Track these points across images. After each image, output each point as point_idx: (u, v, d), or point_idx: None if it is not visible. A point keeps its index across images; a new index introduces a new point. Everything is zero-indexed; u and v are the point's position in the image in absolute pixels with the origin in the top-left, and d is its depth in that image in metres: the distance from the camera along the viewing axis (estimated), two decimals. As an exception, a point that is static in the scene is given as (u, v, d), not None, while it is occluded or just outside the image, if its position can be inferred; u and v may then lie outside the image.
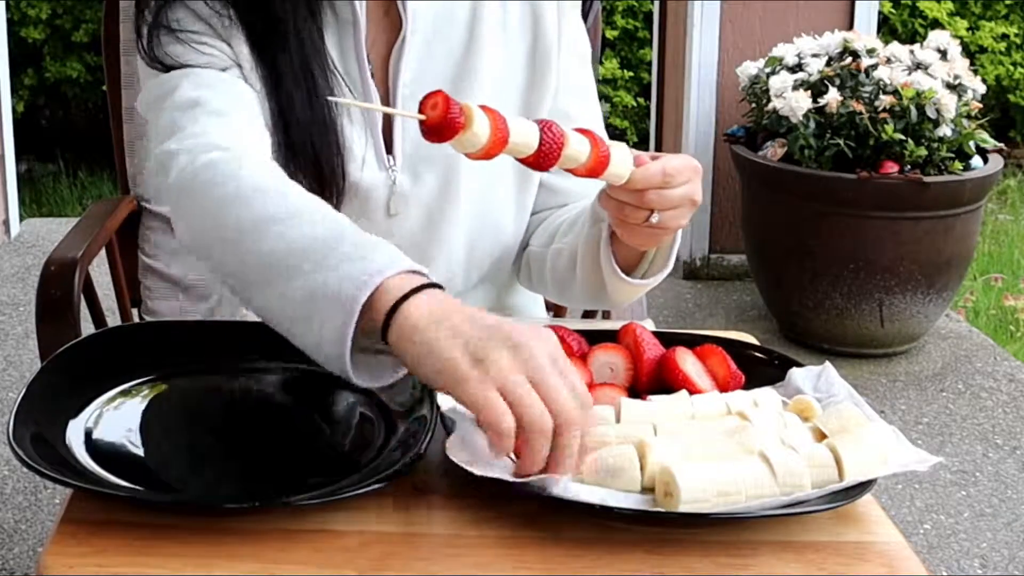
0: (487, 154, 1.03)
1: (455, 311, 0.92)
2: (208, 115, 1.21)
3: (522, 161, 1.07)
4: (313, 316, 0.97)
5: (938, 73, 3.27)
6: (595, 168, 1.10)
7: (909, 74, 3.25)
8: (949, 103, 3.18)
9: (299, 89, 1.30)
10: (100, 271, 1.73)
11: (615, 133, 5.98)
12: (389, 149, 1.37)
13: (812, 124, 3.25)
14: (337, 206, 1.32)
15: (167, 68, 1.27)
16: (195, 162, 1.14)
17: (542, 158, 1.06)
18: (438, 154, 1.35)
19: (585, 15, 1.65)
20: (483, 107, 1.03)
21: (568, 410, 0.88)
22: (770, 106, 3.34)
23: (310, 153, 1.30)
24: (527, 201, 1.46)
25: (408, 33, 1.37)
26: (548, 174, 1.45)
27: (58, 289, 1.55)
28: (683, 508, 0.88)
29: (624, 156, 1.12)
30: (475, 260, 1.44)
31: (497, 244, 1.45)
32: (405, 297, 0.93)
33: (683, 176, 1.15)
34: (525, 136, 1.05)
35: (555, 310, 1.69)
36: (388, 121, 1.37)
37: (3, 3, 4.20)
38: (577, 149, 1.08)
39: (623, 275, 1.28)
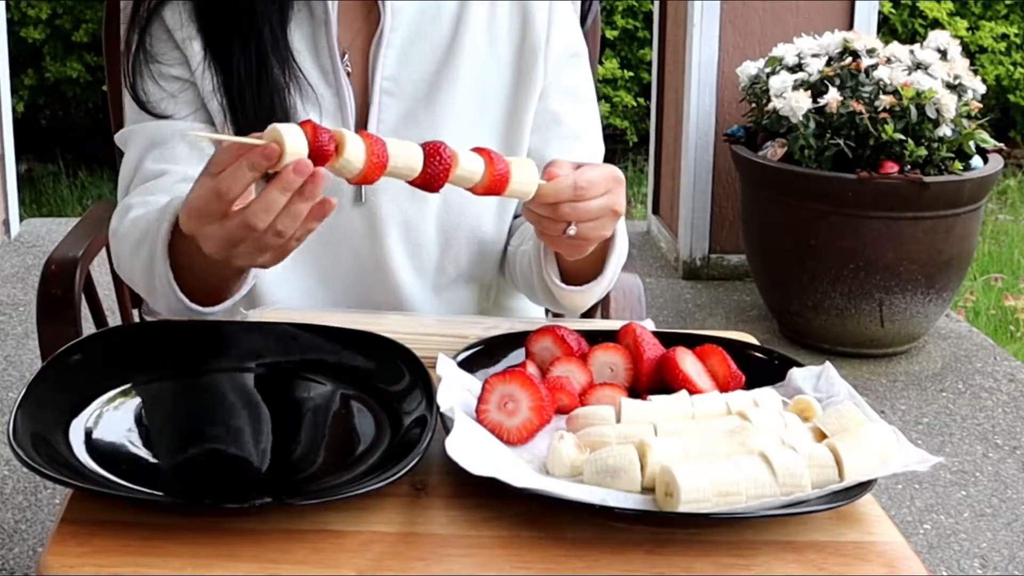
0: (365, 179, 1.05)
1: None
2: (142, 180, 1.37)
3: (411, 183, 1.08)
4: (155, 280, 1.22)
5: (938, 73, 3.27)
6: (491, 186, 1.11)
7: (909, 74, 3.26)
8: (949, 103, 3.18)
9: (252, 86, 1.34)
10: (100, 271, 1.73)
11: (615, 133, 5.99)
12: None
13: (812, 124, 3.25)
14: None
15: (141, 105, 1.40)
16: (117, 233, 1.35)
17: (428, 180, 1.08)
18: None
19: (584, 16, 1.64)
20: (362, 132, 1.05)
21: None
22: (770, 106, 3.34)
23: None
24: (508, 202, 1.46)
25: (387, 29, 1.38)
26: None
27: (59, 288, 1.55)
28: (683, 508, 0.88)
29: (528, 172, 1.12)
30: (450, 254, 1.44)
31: (474, 240, 1.45)
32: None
33: (598, 188, 1.14)
34: (408, 160, 1.06)
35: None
36: (363, 112, 1.39)
37: (3, 3, 4.20)
38: (469, 169, 1.09)
39: (560, 284, 1.30)
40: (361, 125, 1.38)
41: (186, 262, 1.20)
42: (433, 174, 1.07)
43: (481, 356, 1.14)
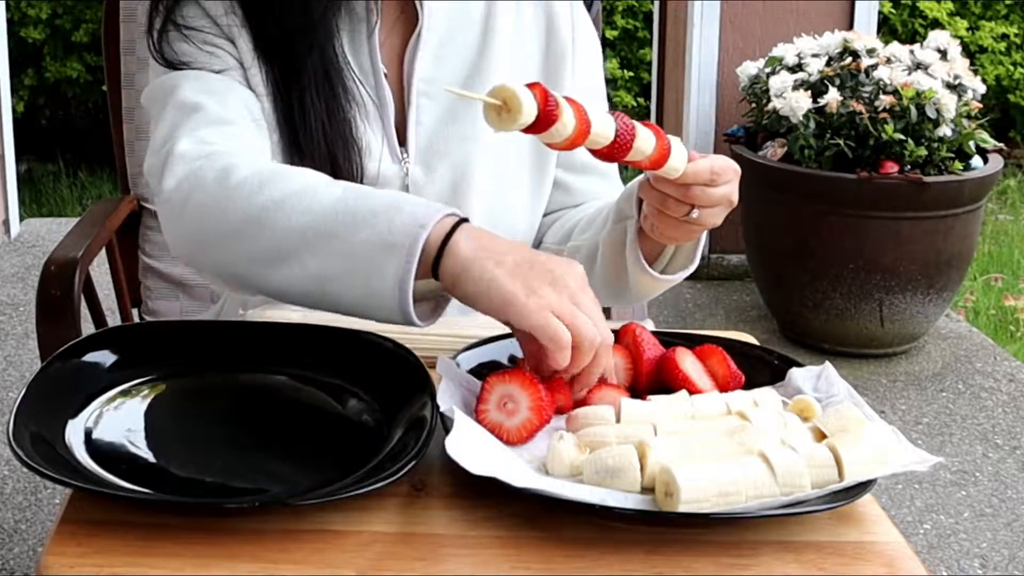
0: (572, 144, 1.04)
1: (493, 242, 1.05)
2: (209, 123, 1.23)
3: (595, 152, 1.08)
4: (359, 270, 1.05)
5: (938, 73, 3.27)
6: (658, 161, 1.12)
7: (909, 74, 3.25)
8: (949, 103, 3.18)
9: (313, 88, 1.31)
10: (100, 271, 1.73)
11: (615, 133, 5.98)
12: (402, 142, 1.38)
13: (812, 124, 3.25)
14: None
15: (173, 66, 1.29)
16: (193, 166, 1.18)
17: (616, 149, 1.08)
18: (451, 147, 1.38)
19: (586, 15, 1.65)
20: (567, 98, 1.04)
21: (605, 326, 1.02)
22: (770, 106, 3.34)
23: (324, 149, 1.32)
24: (541, 198, 1.47)
25: (424, 30, 1.38)
26: (566, 174, 1.47)
27: (58, 288, 1.55)
28: (683, 508, 0.88)
29: (681, 151, 1.14)
30: None
31: (509, 236, 1.44)
32: (449, 235, 1.05)
33: (726, 176, 1.18)
34: (603, 127, 1.06)
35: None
36: (401, 114, 1.38)
37: (3, 3, 4.20)
38: (645, 141, 1.09)
39: (651, 270, 1.29)
40: (399, 123, 1.38)
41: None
42: (622, 143, 1.07)
43: (481, 356, 1.14)
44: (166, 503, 0.91)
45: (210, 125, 1.23)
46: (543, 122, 1.00)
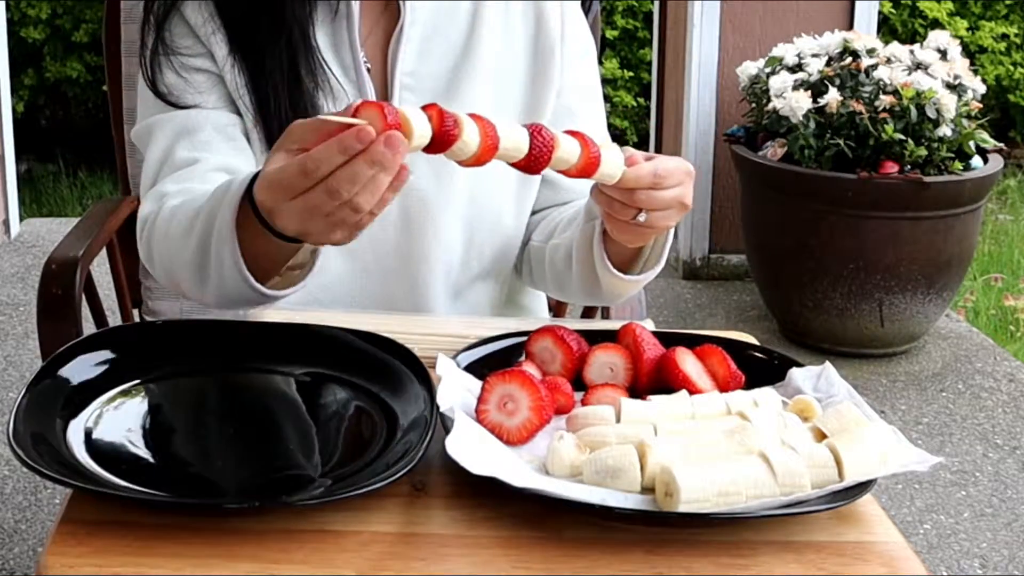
0: (478, 161, 1.04)
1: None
2: (172, 169, 1.34)
3: (513, 165, 1.08)
4: (211, 257, 1.16)
5: (938, 73, 3.27)
6: (585, 169, 1.11)
7: (909, 74, 3.25)
8: (949, 103, 3.18)
9: (282, 84, 1.34)
10: (101, 271, 1.73)
11: (615, 133, 5.98)
12: None
13: (812, 124, 3.25)
14: None
15: (159, 93, 1.37)
16: (145, 230, 1.32)
17: (532, 162, 1.07)
18: None
19: (585, 15, 1.65)
20: (472, 115, 1.04)
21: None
22: (770, 106, 3.34)
23: None
24: (528, 195, 1.47)
25: (406, 25, 1.39)
26: (554, 171, 1.46)
27: (59, 287, 1.55)
28: (683, 508, 0.88)
29: (615, 157, 1.13)
30: (474, 250, 1.44)
31: (496, 235, 1.45)
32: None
33: (674, 179, 1.16)
34: (515, 141, 1.06)
35: (555, 309, 1.70)
36: None
37: (3, 3, 4.20)
38: (567, 150, 1.09)
39: (615, 271, 1.29)
40: None
41: (248, 247, 1.15)
42: (538, 156, 1.07)
43: (481, 356, 1.14)
44: (166, 503, 0.91)
45: (173, 171, 1.34)
46: (440, 143, 1.01)
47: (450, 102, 1.38)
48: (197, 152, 1.34)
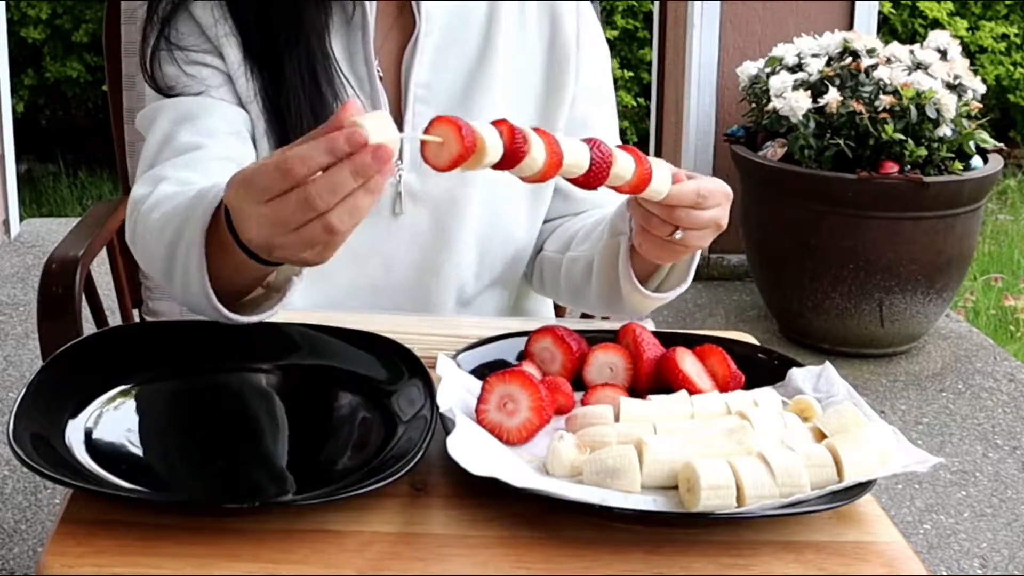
0: (543, 177, 1.03)
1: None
2: (174, 154, 1.28)
3: (572, 180, 1.07)
4: (176, 265, 1.10)
5: (938, 73, 3.27)
6: (638, 185, 1.11)
7: (909, 74, 3.26)
8: (949, 103, 3.18)
9: (302, 93, 1.30)
10: (101, 271, 1.73)
11: (615, 133, 5.98)
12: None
13: (812, 124, 3.25)
14: None
15: (158, 87, 1.33)
16: (133, 215, 1.25)
17: (592, 177, 1.06)
18: None
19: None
20: (537, 130, 1.02)
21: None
22: (770, 106, 3.34)
23: None
24: (540, 205, 1.45)
25: (421, 34, 1.36)
26: (567, 181, 1.46)
27: (60, 287, 1.55)
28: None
29: (664, 173, 1.13)
30: (486, 262, 1.43)
31: (509, 246, 1.44)
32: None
33: (714, 199, 1.16)
34: (577, 157, 1.05)
35: (556, 310, 1.69)
36: (398, 120, 1.36)
37: (3, 3, 4.20)
38: (623, 167, 1.08)
39: (641, 288, 1.28)
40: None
41: (216, 255, 1.07)
42: (598, 171, 1.06)
43: (481, 356, 1.14)
44: (166, 503, 0.91)
45: (174, 156, 1.28)
46: (510, 159, 0.99)
47: (464, 113, 1.37)
48: (201, 138, 1.28)
